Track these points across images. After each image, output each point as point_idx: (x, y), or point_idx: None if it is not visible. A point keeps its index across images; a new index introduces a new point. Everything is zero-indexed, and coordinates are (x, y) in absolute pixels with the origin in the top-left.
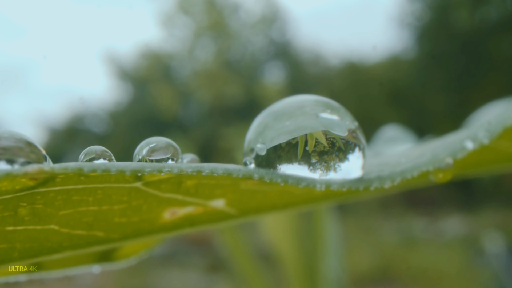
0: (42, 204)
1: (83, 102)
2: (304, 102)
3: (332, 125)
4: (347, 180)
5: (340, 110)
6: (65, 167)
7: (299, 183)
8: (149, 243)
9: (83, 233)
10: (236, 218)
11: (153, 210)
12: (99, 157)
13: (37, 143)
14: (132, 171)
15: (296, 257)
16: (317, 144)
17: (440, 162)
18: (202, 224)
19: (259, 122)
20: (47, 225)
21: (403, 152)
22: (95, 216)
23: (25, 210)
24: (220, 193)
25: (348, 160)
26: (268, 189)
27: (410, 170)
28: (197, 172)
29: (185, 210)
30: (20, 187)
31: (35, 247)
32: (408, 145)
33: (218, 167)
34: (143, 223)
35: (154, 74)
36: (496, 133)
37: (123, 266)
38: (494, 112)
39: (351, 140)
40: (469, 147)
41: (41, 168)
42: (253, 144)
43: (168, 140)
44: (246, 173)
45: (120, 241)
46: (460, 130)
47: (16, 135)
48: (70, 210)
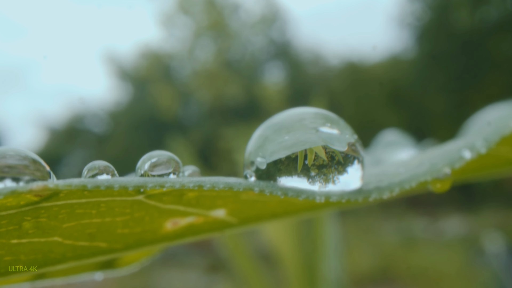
0: (46, 218)
1: (83, 102)
2: (304, 115)
3: (332, 140)
4: (346, 191)
5: (340, 123)
6: (69, 184)
7: (298, 195)
8: (151, 251)
9: (86, 244)
10: (237, 226)
11: (155, 220)
12: (102, 173)
13: (41, 160)
14: (134, 187)
15: (296, 257)
16: (316, 158)
17: (438, 172)
18: (203, 233)
19: (259, 134)
20: (50, 237)
21: (402, 162)
22: (98, 227)
23: (29, 224)
24: (221, 204)
25: (347, 173)
26: (268, 198)
27: (408, 180)
28: (199, 187)
29: (187, 220)
30: (25, 202)
31: (39, 259)
32: (407, 150)
33: (219, 181)
34: (145, 233)
35: (154, 74)
36: (494, 142)
37: (125, 273)
38: (493, 115)
39: (350, 154)
40: (467, 156)
41: (45, 185)
42: (253, 157)
43: (169, 154)
44: (246, 186)
45: (123, 251)
46: (458, 138)
47: (21, 152)
48: (73, 222)
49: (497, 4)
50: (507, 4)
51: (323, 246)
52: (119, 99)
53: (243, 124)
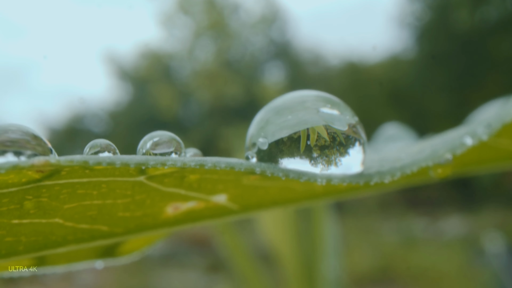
0: (47, 198)
1: (83, 102)
2: (305, 97)
3: (333, 120)
4: (347, 175)
5: (340, 105)
6: (71, 159)
7: (300, 177)
8: (151, 239)
9: (87, 227)
10: (238, 213)
11: (156, 204)
12: (104, 150)
13: (43, 137)
14: (136, 164)
15: (295, 257)
16: (319, 138)
17: (440, 158)
18: (204, 219)
19: (260, 117)
20: (52, 219)
21: (403, 148)
22: (99, 210)
23: (30, 203)
24: (222, 188)
25: (349, 154)
26: (269, 184)
27: (409, 165)
28: (200, 165)
29: (188, 205)
30: (26, 180)
31: (40, 241)
32: (408, 143)
33: (221, 160)
34: (146, 217)
35: (154, 74)
36: (495, 129)
37: (125, 261)
38: (493, 110)
39: (351, 135)
40: (468, 143)
41: (47, 160)
42: (255, 138)
43: (171, 134)
44: (248, 167)
45: (123, 235)
46: (459, 127)
47: (23, 128)
48: (74, 203)
49: (497, 4)
50: (507, 4)
51: (322, 245)
52: (119, 99)
53: (243, 124)
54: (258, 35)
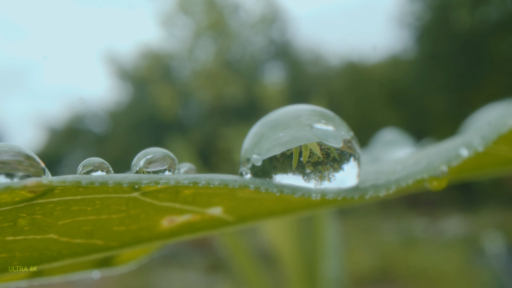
0: (41, 215)
1: (83, 102)
2: (300, 112)
3: (327, 136)
4: (342, 189)
5: (335, 120)
6: (63, 180)
7: (294, 193)
8: (148, 249)
9: (82, 242)
10: (234, 224)
11: (151, 218)
12: (97, 169)
13: (35, 156)
14: (129, 183)
15: (296, 257)
16: (312, 155)
17: (435, 170)
18: (200, 231)
19: (255, 131)
20: (46, 235)
21: (399, 160)
22: (94, 225)
23: (24, 221)
24: (217, 201)
25: (343, 170)
26: (264, 196)
27: (405, 178)
28: (194, 183)
29: (183, 218)
30: (20, 199)
31: (34, 256)
32: (405, 149)
33: (215, 178)
34: (141, 231)
35: (154, 74)
36: (491, 141)
37: (122, 271)
38: (492, 115)
39: (346, 150)
40: (464, 154)
41: (39, 181)
42: (249, 154)
43: (165, 151)
44: (242, 184)
45: (119, 248)
46: (456, 137)
47: (15, 148)
48: (69, 219)
49: (497, 4)
50: (507, 4)
51: (323, 246)
52: (119, 99)
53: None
54: (258, 35)
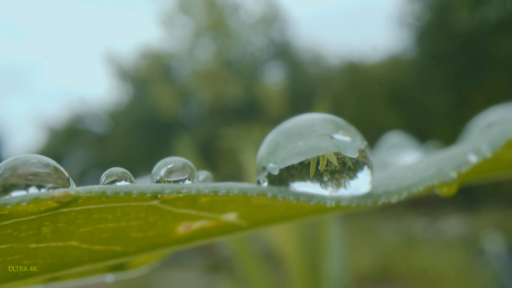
0: (64, 223)
1: (83, 102)
2: (313, 121)
3: (344, 147)
4: (355, 196)
5: (351, 130)
6: (90, 190)
7: (310, 200)
8: (160, 254)
9: (101, 248)
10: (247, 229)
11: (168, 224)
12: (121, 179)
13: (61, 168)
14: (152, 193)
15: (299, 257)
16: (329, 164)
17: (445, 176)
18: (214, 236)
19: (270, 140)
20: (67, 242)
21: (410, 165)
22: (113, 232)
23: (47, 229)
24: (232, 208)
25: (358, 178)
26: (277, 203)
27: (416, 184)
28: (214, 192)
29: (199, 224)
30: (45, 208)
31: (55, 262)
32: (411, 153)
33: (234, 186)
34: (158, 237)
35: (154, 74)
36: (499, 146)
37: (135, 275)
38: (495, 118)
39: (360, 159)
40: (473, 160)
41: (67, 192)
42: (265, 162)
43: (184, 160)
44: (260, 192)
45: (136, 254)
46: (462, 142)
47: (43, 160)
48: (90, 227)
49: (497, 4)
50: (507, 4)
51: (325, 246)
52: (119, 99)
53: (243, 124)
54: (258, 35)
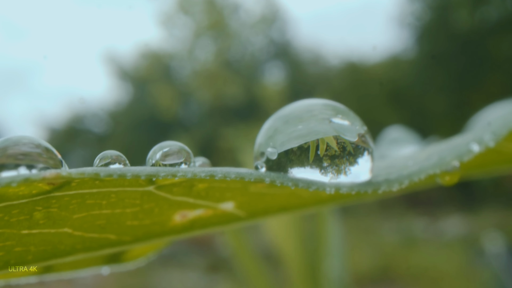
0: (57, 208)
1: (83, 102)
2: (313, 106)
3: (344, 130)
4: (356, 183)
5: (350, 115)
6: (82, 172)
7: (309, 186)
8: (157, 245)
9: (95, 236)
10: (245, 220)
11: (164, 213)
12: (115, 162)
13: (53, 149)
14: (147, 176)
15: (298, 257)
16: (329, 149)
17: (447, 165)
18: (211, 226)
19: (268, 126)
20: (61, 228)
21: (410, 155)
22: (108, 219)
23: (40, 214)
24: (229, 196)
25: (358, 164)
26: (276, 191)
27: (417, 173)
28: (210, 176)
29: (195, 213)
30: (37, 191)
31: (48, 250)
32: (411, 147)
33: (231, 171)
34: (154, 225)
35: (154, 74)
36: (502, 136)
37: (131, 267)
38: (497, 113)
39: (360, 145)
40: (475, 149)
41: (58, 173)
42: (263, 148)
43: (180, 144)
44: (257, 177)
45: (132, 243)
46: (465, 133)
47: (34, 140)
48: (83, 213)
49: (497, 4)
50: (507, 4)
51: (325, 245)
52: (119, 99)
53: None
54: (258, 35)
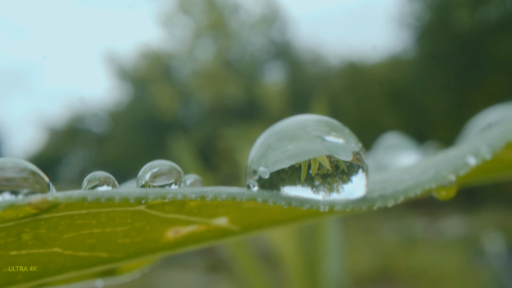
0: (46, 229)
1: (83, 102)
2: (306, 122)
3: (337, 150)
4: (350, 200)
5: (344, 132)
6: (69, 196)
7: (302, 205)
8: (151, 259)
9: (86, 254)
10: (239, 234)
11: (156, 230)
12: (103, 184)
13: (40, 172)
14: (136, 199)
15: (297, 257)
16: (321, 168)
17: (443, 180)
18: (205, 241)
19: (261, 142)
20: (50, 248)
21: (406, 168)
22: (99, 238)
23: (28, 235)
24: (223, 212)
25: (352, 182)
26: (270, 206)
27: (413, 188)
28: (201, 198)
29: (188, 229)
30: (24, 214)
31: (39, 270)
32: (408, 154)
33: (222, 191)
34: (146, 242)
35: (154, 74)
36: (498, 148)
37: (125, 280)
38: (494, 117)
39: (355, 163)
40: (472, 163)
41: (44, 199)
42: (255, 166)
43: (171, 164)
44: (249, 196)
45: (124, 260)
46: (461, 143)
47: (20, 164)
48: (73, 233)
49: (497, 4)
50: (507, 4)
51: (324, 246)
52: (119, 99)
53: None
54: (258, 35)
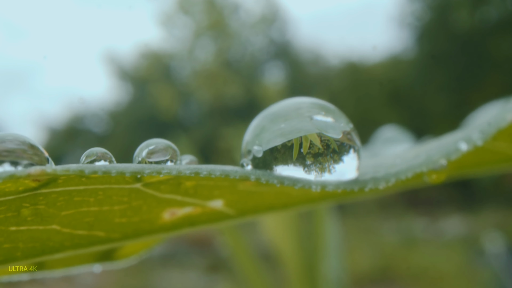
0: (45, 205)
1: (83, 102)
2: (301, 104)
3: (327, 128)
4: (342, 181)
5: (335, 112)
6: (67, 168)
7: (295, 184)
8: (149, 243)
9: (84, 233)
10: (234, 218)
11: (152, 210)
12: (100, 159)
13: (39, 146)
14: (131, 173)
15: (296, 257)
16: (312, 146)
17: (434, 164)
18: (201, 224)
19: (256, 124)
20: (49, 225)
21: (399, 153)
22: (96, 216)
23: (27, 211)
24: (218, 194)
25: (343, 162)
26: (265, 190)
27: (404, 171)
28: (195, 173)
29: (184, 211)
30: (23, 188)
31: (37, 247)
32: (406, 146)
33: (216, 168)
34: (143, 223)
35: (154, 74)
36: (490, 135)
37: (123, 265)
38: (491, 112)
39: (345, 142)
40: (463, 148)
41: (43, 170)
42: (250, 146)
43: (167, 142)
44: (243, 174)
45: (121, 240)
46: (455, 131)
47: (19, 137)
48: (71, 210)
49: (497, 4)
50: (507, 4)
51: (323, 245)
52: (119, 99)
53: (243, 124)
54: (258, 35)
